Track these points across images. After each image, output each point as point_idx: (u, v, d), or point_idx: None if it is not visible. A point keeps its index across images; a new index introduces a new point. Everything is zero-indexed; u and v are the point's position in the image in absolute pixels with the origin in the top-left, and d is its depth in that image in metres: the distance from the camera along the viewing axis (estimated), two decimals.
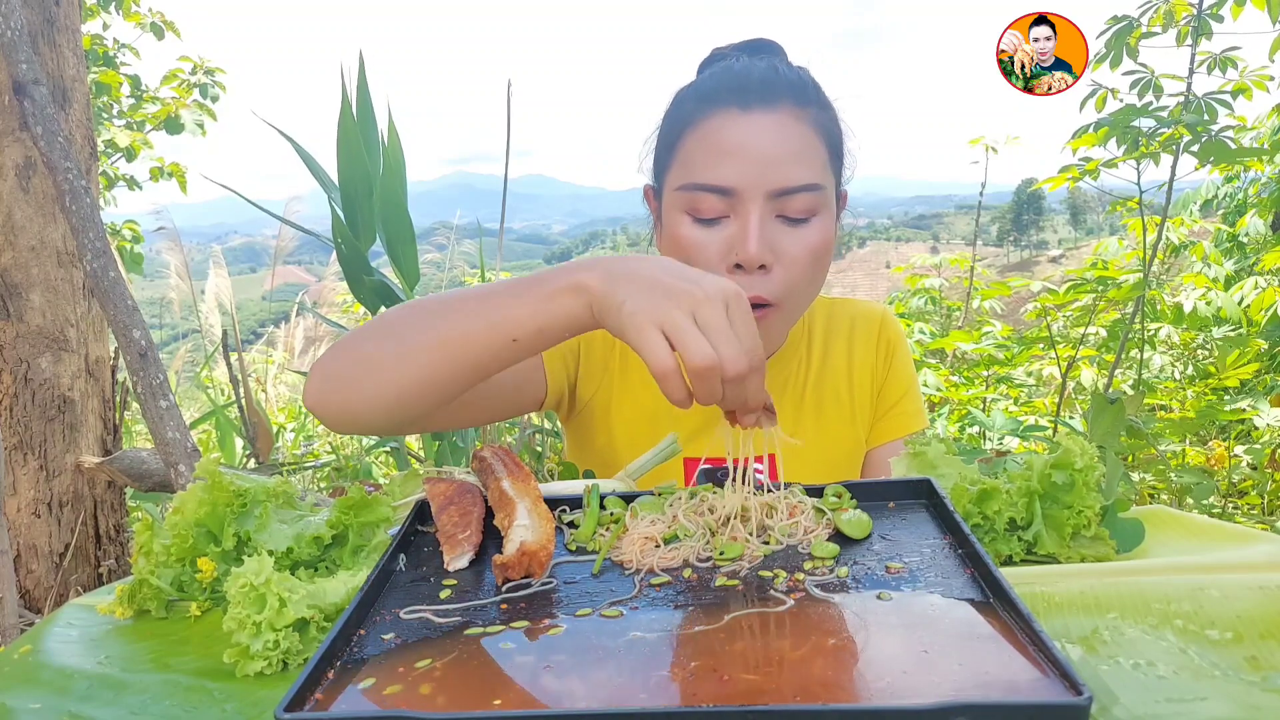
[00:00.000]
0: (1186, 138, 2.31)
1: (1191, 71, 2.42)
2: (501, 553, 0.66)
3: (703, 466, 0.84)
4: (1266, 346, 3.12)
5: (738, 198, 0.96)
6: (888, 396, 1.19)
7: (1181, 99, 2.41)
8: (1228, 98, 2.39)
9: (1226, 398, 2.97)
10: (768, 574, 0.65)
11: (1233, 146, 2.27)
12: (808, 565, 0.66)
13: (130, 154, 4.58)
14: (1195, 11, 2.38)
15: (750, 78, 0.98)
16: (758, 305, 0.99)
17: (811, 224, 0.98)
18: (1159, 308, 3.47)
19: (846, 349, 1.19)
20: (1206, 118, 2.32)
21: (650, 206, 1.11)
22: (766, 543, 0.70)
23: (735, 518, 0.72)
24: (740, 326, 0.67)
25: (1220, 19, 2.40)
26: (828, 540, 0.70)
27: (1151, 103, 2.42)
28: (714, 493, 0.78)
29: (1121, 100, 2.51)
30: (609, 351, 1.17)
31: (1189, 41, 2.40)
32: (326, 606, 0.63)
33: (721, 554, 0.67)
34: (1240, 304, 3.28)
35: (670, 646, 0.55)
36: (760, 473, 0.77)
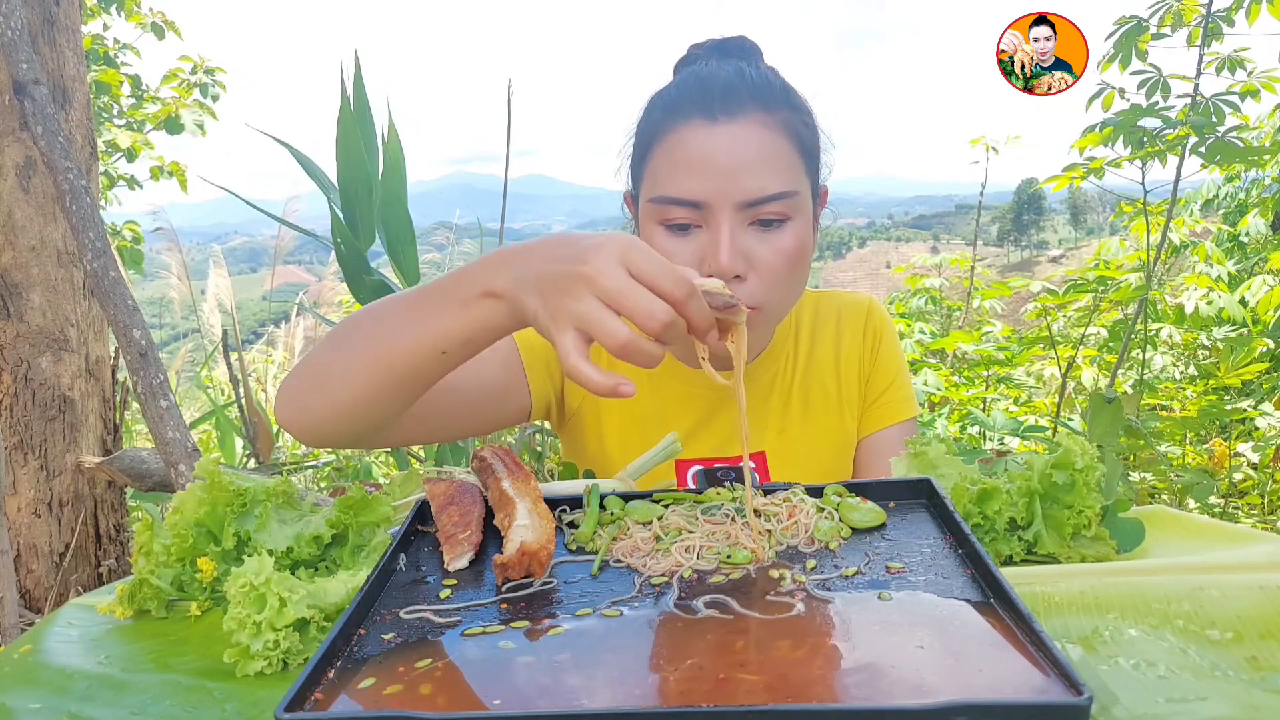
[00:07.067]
0: (1193, 139, 2.30)
1: (1199, 73, 2.41)
2: (501, 553, 0.66)
3: (702, 469, 0.84)
4: (1271, 346, 3.11)
5: (708, 209, 0.95)
6: (876, 385, 1.19)
7: (1188, 99, 2.40)
8: (1235, 99, 2.38)
9: (1227, 398, 2.97)
10: (768, 574, 0.64)
11: (1240, 146, 2.26)
12: (809, 565, 0.66)
13: (131, 155, 4.58)
14: (1204, 13, 2.37)
15: (714, 85, 0.97)
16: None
17: (785, 228, 0.97)
18: (1160, 308, 3.47)
19: (834, 341, 1.19)
20: (1214, 119, 2.31)
21: (630, 212, 1.12)
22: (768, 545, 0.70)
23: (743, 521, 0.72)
24: (646, 269, 0.64)
25: (1232, 23, 2.38)
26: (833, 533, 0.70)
27: (1158, 103, 2.41)
28: (717, 493, 0.78)
29: (1129, 100, 2.50)
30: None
31: (1198, 43, 2.39)
32: (326, 606, 0.63)
33: (728, 558, 0.67)
34: (1245, 304, 3.27)
35: (669, 646, 0.55)
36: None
